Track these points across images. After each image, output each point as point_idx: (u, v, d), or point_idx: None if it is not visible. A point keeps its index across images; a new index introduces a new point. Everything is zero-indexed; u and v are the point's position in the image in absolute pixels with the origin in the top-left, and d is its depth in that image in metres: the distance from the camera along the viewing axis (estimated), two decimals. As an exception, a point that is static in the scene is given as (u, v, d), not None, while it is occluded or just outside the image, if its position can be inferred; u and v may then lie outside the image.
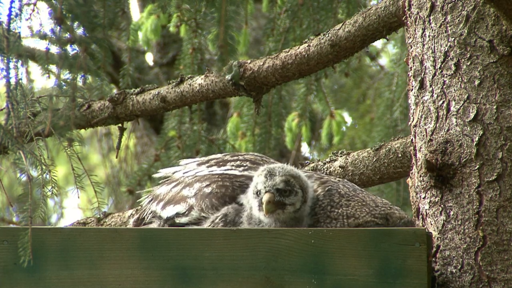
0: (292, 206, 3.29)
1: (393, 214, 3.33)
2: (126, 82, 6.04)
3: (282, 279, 3.06)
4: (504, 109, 3.22)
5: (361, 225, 3.30)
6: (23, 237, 3.05)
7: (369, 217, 3.31)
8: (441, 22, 3.33)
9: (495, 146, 3.21)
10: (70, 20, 3.00)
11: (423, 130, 3.34)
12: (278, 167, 3.33)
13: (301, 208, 3.30)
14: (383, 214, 3.33)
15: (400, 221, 3.34)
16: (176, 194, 3.46)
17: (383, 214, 3.33)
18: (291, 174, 3.32)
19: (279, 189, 3.29)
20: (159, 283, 3.09)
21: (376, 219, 3.31)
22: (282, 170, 3.32)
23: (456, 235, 3.21)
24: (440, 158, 3.27)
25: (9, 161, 4.54)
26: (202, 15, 6.00)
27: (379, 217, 3.31)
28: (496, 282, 3.15)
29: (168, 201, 3.46)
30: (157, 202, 3.51)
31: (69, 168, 3.79)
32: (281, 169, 3.33)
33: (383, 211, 3.33)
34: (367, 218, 3.31)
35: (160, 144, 6.74)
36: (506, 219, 3.17)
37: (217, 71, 4.26)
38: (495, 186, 3.19)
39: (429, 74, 3.34)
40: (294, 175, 3.32)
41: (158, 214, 3.47)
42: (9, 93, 3.07)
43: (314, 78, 6.25)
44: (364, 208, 3.33)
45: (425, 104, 3.35)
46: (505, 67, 3.23)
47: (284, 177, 3.30)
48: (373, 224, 3.32)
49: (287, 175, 3.31)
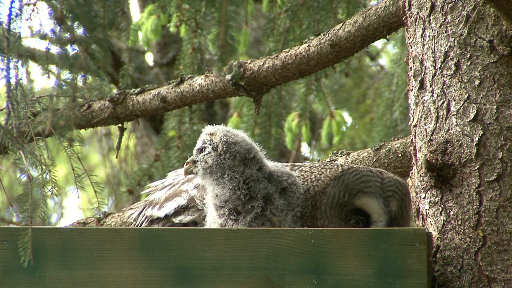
0: (202, 163, 3.28)
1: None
2: (126, 82, 6.04)
3: (282, 279, 3.06)
4: (504, 109, 3.22)
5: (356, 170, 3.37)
6: (23, 237, 3.05)
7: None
8: (441, 22, 3.33)
9: (495, 146, 3.21)
10: (70, 20, 3.00)
11: (423, 130, 3.34)
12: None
13: (215, 165, 3.27)
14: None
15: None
16: (174, 192, 3.46)
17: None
18: (208, 132, 3.32)
19: (197, 149, 3.32)
20: (159, 283, 3.09)
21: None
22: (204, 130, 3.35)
23: (456, 235, 3.21)
24: (440, 158, 3.27)
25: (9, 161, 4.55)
26: (202, 15, 6.01)
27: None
28: (496, 282, 3.15)
29: (165, 199, 3.46)
30: (152, 207, 3.50)
31: (69, 168, 3.79)
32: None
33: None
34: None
35: (160, 144, 6.74)
36: (506, 219, 3.17)
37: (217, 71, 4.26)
38: (495, 186, 3.19)
39: (429, 74, 3.34)
40: (211, 132, 3.32)
41: (155, 216, 3.46)
42: (9, 93, 3.07)
43: (314, 78, 6.25)
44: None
45: (425, 104, 3.35)
46: (505, 67, 3.23)
47: (201, 136, 3.32)
48: (368, 171, 3.38)
49: (204, 134, 3.32)
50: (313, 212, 3.38)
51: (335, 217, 3.39)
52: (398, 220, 3.47)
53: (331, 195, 3.38)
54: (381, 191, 3.43)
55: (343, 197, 3.39)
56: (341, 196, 3.39)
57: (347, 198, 3.40)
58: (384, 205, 3.43)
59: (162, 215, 3.43)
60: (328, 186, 3.39)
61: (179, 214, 3.41)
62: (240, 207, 3.26)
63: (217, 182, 3.27)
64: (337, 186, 3.39)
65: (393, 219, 3.44)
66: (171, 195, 3.45)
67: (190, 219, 3.38)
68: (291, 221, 3.30)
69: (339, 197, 3.38)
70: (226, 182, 3.26)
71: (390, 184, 3.46)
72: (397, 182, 3.49)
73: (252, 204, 3.25)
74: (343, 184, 3.40)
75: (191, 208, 3.39)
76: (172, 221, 3.42)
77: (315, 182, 3.39)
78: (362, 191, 3.41)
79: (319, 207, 3.38)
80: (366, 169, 3.45)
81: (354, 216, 3.41)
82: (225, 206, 3.26)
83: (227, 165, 3.28)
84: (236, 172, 3.27)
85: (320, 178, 3.40)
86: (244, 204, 3.25)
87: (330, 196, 3.38)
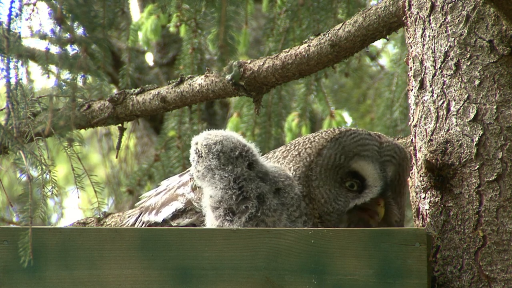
0: (196, 172, 3.34)
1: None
2: (126, 82, 6.04)
3: (282, 279, 3.06)
4: (504, 109, 3.22)
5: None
6: (23, 237, 3.05)
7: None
8: (441, 22, 3.33)
9: (495, 146, 3.21)
10: (70, 20, 3.00)
11: (423, 130, 3.34)
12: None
13: (204, 169, 3.31)
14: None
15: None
16: (170, 196, 3.45)
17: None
18: (193, 143, 3.40)
19: (191, 162, 3.40)
20: (159, 283, 3.09)
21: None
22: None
23: (456, 235, 3.21)
24: (440, 158, 3.27)
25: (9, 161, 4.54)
26: (202, 15, 6.01)
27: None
28: (496, 282, 3.15)
29: (162, 204, 3.44)
30: (148, 212, 3.49)
31: (69, 168, 3.79)
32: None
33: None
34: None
35: (160, 144, 6.74)
36: (506, 219, 3.17)
37: (217, 71, 4.26)
38: (495, 186, 3.19)
39: (429, 74, 3.34)
40: (195, 142, 3.38)
41: (153, 221, 3.45)
42: (9, 93, 3.07)
43: (314, 78, 6.25)
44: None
45: (425, 104, 3.35)
46: (505, 67, 3.23)
47: (191, 150, 3.40)
48: (366, 133, 3.40)
49: (191, 146, 3.40)
50: (308, 173, 3.36)
51: (330, 179, 3.37)
52: (394, 186, 3.44)
53: (326, 156, 3.36)
54: (378, 155, 3.40)
55: (339, 159, 3.36)
56: (337, 158, 3.36)
57: (343, 160, 3.37)
58: (380, 170, 3.40)
59: (159, 220, 3.42)
60: (324, 147, 3.36)
61: (177, 218, 3.40)
62: (235, 207, 3.26)
63: (210, 183, 3.29)
64: (334, 148, 3.36)
65: (389, 185, 3.41)
66: (167, 199, 3.44)
67: (188, 221, 3.37)
68: (286, 220, 3.29)
69: (335, 159, 3.36)
70: (217, 182, 3.28)
71: (388, 149, 3.43)
72: (396, 147, 3.46)
73: (246, 204, 3.25)
74: (339, 146, 3.37)
75: (189, 211, 3.39)
76: (170, 225, 3.41)
77: (308, 144, 3.38)
78: (358, 154, 3.38)
79: (314, 168, 3.36)
80: (364, 132, 3.41)
81: (349, 179, 3.39)
82: (219, 206, 3.26)
83: (213, 165, 3.30)
84: (224, 171, 3.29)
85: (315, 140, 3.38)
86: (238, 205, 3.25)
87: (326, 157, 3.36)
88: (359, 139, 3.40)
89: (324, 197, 3.35)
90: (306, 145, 3.40)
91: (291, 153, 3.42)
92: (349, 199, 3.38)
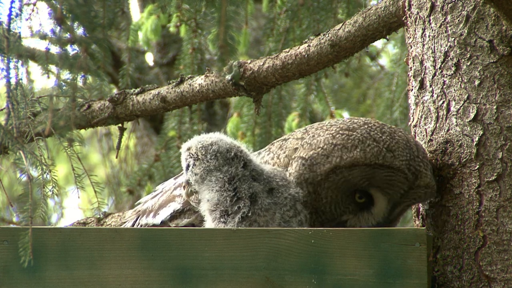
0: (193, 177, 3.32)
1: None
2: (126, 82, 6.04)
3: (282, 279, 3.06)
4: (504, 109, 3.22)
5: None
6: (23, 237, 3.05)
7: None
8: (441, 22, 3.33)
9: (495, 146, 3.21)
10: (70, 20, 3.00)
11: (423, 130, 3.34)
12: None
13: (203, 172, 3.30)
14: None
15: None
16: (167, 198, 3.44)
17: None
18: (185, 149, 3.38)
19: (184, 169, 3.38)
20: (159, 283, 3.09)
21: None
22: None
23: (456, 235, 3.21)
24: (440, 158, 3.27)
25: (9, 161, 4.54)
26: (202, 15, 6.01)
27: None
28: (496, 282, 3.15)
29: (159, 206, 3.44)
30: (146, 215, 3.48)
31: (69, 168, 3.79)
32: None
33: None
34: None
35: (160, 144, 6.74)
36: (506, 219, 3.17)
37: (217, 71, 4.26)
38: (495, 186, 3.19)
39: (429, 74, 3.34)
40: (187, 147, 3.37)
41: (151, 223, 3.44)
42: (9, 93, 3.07)
43: (314, 78, 6.25)
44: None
45: (425, 104, 3.35)
46: (505, 67, 3.23)
47: (182, 157, 3.39)
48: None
49: (183, 153, 3.38)
50: (329, 173, 3.25)
51: (344, 188, 3.23)
52: (388, 222, 3.34)
53: (353, 173, 3.21)
54: (398, 198, 3.23)
55: (362, 182, 3.21)
56: (361, 180, 3.20)
57: (365, 184, 3.22)
58: (390, 208, 3.25)
59: (158, 222, 3.41)
60: (357, 166, 3.20)
61: (175, 219, 3.39)
62: (229, 208, 3.26)
63: (207, 187, 3.29)
64: (365, 171, 3.19)
65: (385, 221, 3.30)
66: (164, 201, 3.43)
67: (186, 222, 3.37)
68: (280, 220, 3.26)
69: (360, 180, 3.20)
70: (213, 185, 3.27)
71: (411, 194, 3.24)
72: (424, 192, 3.24)
73: (238, 205, 3.25)
74: (370, 172, 3.20)
75: (187, 212, 3.38)
76: (169, 226, 3.40)
77: (344, 149, 3.22)
78: (381, 187, 3.22)
79: (337, 172, 3.23)
80: (404, 169, 3.19)
81: (362, 196, 3.24)
82: (216, 209, 3.25)
83: (212, 166, 3.29)
84: (221, 171, 3.28)
85: (353, 150, 3.21)
86: (232, 206, 3.25)
87: (353, 173, 3.21)
88: (391, 178, 3.20)
89: (328, 199, 3.29)
90: (340, 147, 3.24)
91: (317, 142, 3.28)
92: (347, 211, 3.28)
